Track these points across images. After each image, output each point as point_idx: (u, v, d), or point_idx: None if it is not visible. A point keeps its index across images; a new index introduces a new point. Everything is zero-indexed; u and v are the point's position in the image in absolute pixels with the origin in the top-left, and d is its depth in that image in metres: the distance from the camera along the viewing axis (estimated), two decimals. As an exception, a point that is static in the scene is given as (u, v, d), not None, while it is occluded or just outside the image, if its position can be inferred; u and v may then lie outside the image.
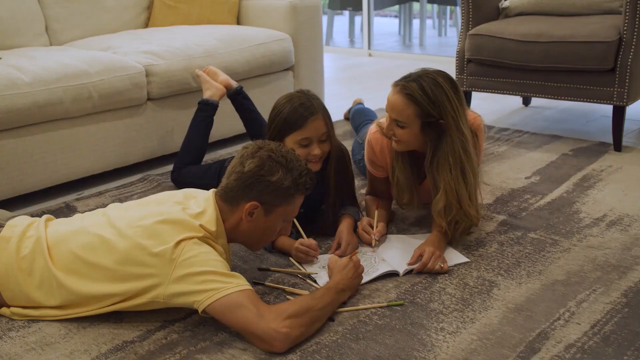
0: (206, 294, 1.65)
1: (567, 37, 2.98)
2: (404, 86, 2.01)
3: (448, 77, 2.04)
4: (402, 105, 2.01)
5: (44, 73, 2.63)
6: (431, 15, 7.49)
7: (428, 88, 1.99)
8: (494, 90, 3.29)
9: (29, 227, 1.86)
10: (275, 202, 1.81)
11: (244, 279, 1.70)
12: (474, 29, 3.26)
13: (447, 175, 2.05)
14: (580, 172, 2.79)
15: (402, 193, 2.21)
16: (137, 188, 2.81)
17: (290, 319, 1.63)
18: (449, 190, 2.05)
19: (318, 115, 2.13)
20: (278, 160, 1.80)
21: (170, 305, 1.73)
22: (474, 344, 1.66)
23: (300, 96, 2.17)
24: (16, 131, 2.57)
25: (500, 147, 3.15)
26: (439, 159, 2.05)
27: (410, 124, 2.02)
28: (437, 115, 2.00)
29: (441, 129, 2.02)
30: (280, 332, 1.61)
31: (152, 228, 1.72)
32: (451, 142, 2.02)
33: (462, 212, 2.08)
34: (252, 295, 1.67)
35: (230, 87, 2.84)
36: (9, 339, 1.74)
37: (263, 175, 1.78)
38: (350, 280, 1.86)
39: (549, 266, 2.03)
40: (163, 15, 3.64)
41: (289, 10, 3.51)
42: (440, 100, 1.98)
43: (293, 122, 2.12)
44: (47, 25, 3.30)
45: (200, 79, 2.87)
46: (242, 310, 1.63)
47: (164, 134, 3.05)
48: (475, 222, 2.16)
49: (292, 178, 1.80)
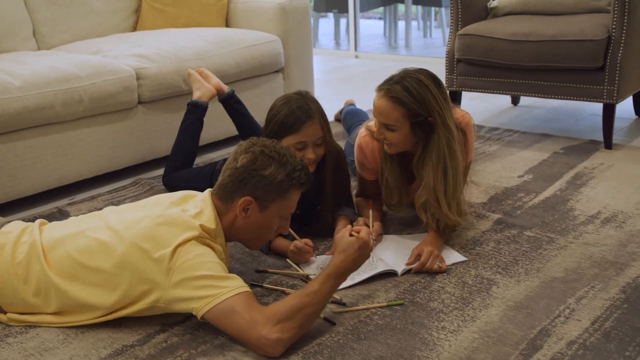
0: (203, 301, 1.63)
1: (557, 36, 3.00)
2: (388, 89, 2.01)
3: (430, 75, 2.05)
4: (389, 109, 2.01)
5: (34, 77, 2.60)
6: (416, 16, 7.52)
7: (412, 88, 1.99)
8: (484, 90, 3.30)
9: (23, 233, 1.84)
10: (269, 198, 1.79)
11: (240, 280, 1.69)
12: (464, 29, 3.28)
13: (429, 171, 2.05)
14: (572, 170, 2.80)
15: (391, 194, 2.21)
16: (129, 192, 2.79)
17: (281, 323, 1.60)
18: (428, 187, 2.06)
19: (315, 120, 2.12)
20: (271, 154, 1.79)
21: (170, 311, 1.72)
22: (476, 342, 1.66)
23: (297, 99, 2.15)
24: (7, 136, 2.54)
25: (491, 146, 3.17)
26: (425, 156, 2.06)
27: (399, 126, 2.02)
28: (424, 114, 2.00)
29: (430, 126, 2.02)
30: (271, 338, 1.59)
31: (151, 230, 1.71)
32: (437, 139, 2.02)
33: (439, 210, 2.08)
34: (247, 298, 1.64)
35: (222, 92, 2.80)
36: (6, 345, 1.72)
37: (255, 169, 1.77)
38: (354, 261, 1.73)
39: (546, 264, 2.04)
40: (151, 19, 3.62)
41: (278, 12, 3.51)
42: (425, 98, 1.99)
43: (289, 125, 2.11)
44: (35, 29, 3.27)
45: (191, 78, 2.82)
46: (236, 317, 1.61)
47: (155, 137, 3.03)
48: (451, 222, 2.11)
49: (285, 172, 1.79)
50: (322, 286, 1.68)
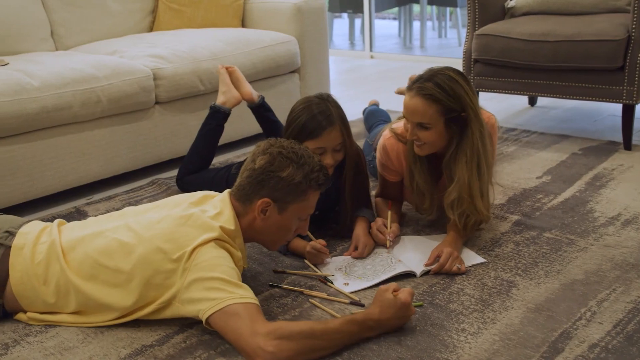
0: (211, 302, 1.61)
1: (575, 36, 2.98)
2: (420, 87, 2.00)
3: (457, 71, 2.06)
4: (423, 107, 2.00)
5: (52, 78, 2.61)
6: (431, 17, 7.49)
7: (444, 84, 1.99)
8: (502, 90, 3.28)
9: (42, 233, 1.85)
10: (287, 199, 1.78)
11: (251, 292, 1.65)
12: (481, 29, 3.26)
13: (463, 167, 2.04)
14: (592, 171, 2.78)
15: (423, 198, 2.20)
16: (146, 192, 2.80)
17: (281, 339, 1.54)
18: (462, 182, 2.05)
19: (335, 126, 2.10)
20: (288, 156, 1.78)
21: (182, 314, 1.71)
22: (497, 345, 1.65)
23: (319, 103, 2.12)
24: (25, 136, 2.55)
25: (509, 147, 3.15)
26: (458, 152, 2.05)
27: (434, 123, 2.01)
28: (458, 109, 2.00)
29: (463, 122, 2.02)
30: (266, 350, 1.53)
31: (171, 231, 1.71)
32: (471, 133, 2.02)
33: (472, 206, 2.07)
34: (253, 310, 1.60)
35: (252, 101, 2.70)
36: (27, 344, 1.72)
37: (273, 171, 1.77)
38: (388, 321, 1.67)
39: (566, 266, 2.02)
40: (168, 19, 3.63)
41: (294, 12, 3.51)
42: (458, 93, 1.99)
43: (310, 131, 2.08)
44: (53, 30, 3.29)
45: (220, 77, 2.71)
46: (238, 322, 1.57)
47: (172, 137, 3.03)
48: (484, 218, 2.14)
49: (303, 173, 1.78)
50: (341, 326, 1.62)
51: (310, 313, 1.83)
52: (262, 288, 1.97)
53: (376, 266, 2.05)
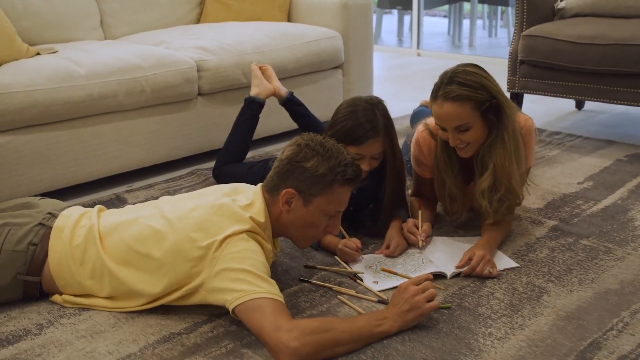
0: (237, 294, 1.63)
1: (625, 40, 2.91)
2: (445, 93, 1.99)
3: (471, 64, 2.06)
4: (456, 110, 1.98)
5: (99, 66, 2.67)
6: (481, 15, 7.40)
7: (466, 80, 1.98)
8: (547, 92, 3.22)
9: (82, 217, 1.90)
10: (312, 191, 1.78)
11: (277, 289, 1.67)
12: (528, 30, 3.21)
13: (500, 153, 2.03)
14: (636, 179, 2.71)
15: (454, 201, 2.18)
16: (185, 182, 2.84)
17: (304, 335, 1.55)
18: (499, 168, 2.03)
19: (379, 137, 2.09)
20: (315, 148, 1.79)
21: (208, 302, 1.73)
22: (523, 351, 1.63)
23: (366, 109, 2.10)
24: (71, 122, 2.62)
25: (551, 151, 3.09)
26: (494, 139, 2.04)
27: (472, 121, 2.00)
28: (488, 98, 1.99)
29: (497, 108, 2.01)
30: (289, 346, 1.54)
31: (202, 220, 1.73)
32: (506, 118, 2.01)
33: (508, 191, 2.05)
34: (278, 306, 1.61)
35: (280, 96, 2.76)
36: (60, 326, 1.77)
37: (298, 161, 1.78)
38: (402, 308, 1.69)
39: (601, 274, 1.98)
40: (215, 12, 3.67)
41: (340, 8, 3.51)
42: (482, 83, 1.99)
43: (353, 138, 2.07)
44: (102, 19, 3.36)
45: (253, 73, 2.79)
46: (262, 316, 1.59)
47: (213, 128, 3.07)
48: (518, 199, 2.12)
49: (328, 166, 1.77)
50: (362, 321, 1.66)
51: (338, 309, 1.84)
52: (292, 282, 1.99)
53: (407, 265, 2.05)
